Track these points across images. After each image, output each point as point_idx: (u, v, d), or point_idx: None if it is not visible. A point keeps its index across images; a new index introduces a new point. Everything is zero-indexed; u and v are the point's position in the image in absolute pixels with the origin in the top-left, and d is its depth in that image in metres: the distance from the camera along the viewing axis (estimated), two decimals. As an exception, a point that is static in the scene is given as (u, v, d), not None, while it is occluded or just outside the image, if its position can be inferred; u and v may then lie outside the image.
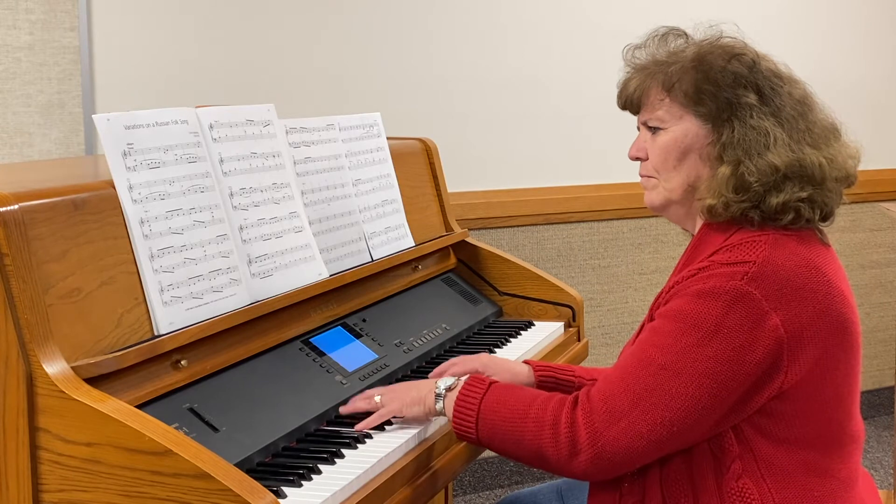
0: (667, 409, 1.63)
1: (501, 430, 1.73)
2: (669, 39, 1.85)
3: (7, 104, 3.08)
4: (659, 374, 1.64)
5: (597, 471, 1.66)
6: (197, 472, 1.39)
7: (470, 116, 3.79)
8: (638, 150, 1.85)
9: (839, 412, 1.73)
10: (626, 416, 1.63)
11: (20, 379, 1.46)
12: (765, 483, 1.67)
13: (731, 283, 1.64)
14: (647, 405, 1.63)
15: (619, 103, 1.89)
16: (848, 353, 1.73)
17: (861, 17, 4.50)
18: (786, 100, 1.76)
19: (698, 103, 1.76)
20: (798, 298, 1.66)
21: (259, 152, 2.04)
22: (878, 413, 4.62)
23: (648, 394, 1.63)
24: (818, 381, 1.69)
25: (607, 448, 1.64)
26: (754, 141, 1.72)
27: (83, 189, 1.66)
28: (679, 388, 1.63)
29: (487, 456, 3.87)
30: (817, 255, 1.73)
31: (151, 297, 1.71)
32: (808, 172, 1.71)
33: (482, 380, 1.80)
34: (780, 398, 1.67)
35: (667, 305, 1.70)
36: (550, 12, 3.89)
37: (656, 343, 1.67)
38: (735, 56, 1.77)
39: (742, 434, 1.68)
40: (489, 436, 1.74)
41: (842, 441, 1.74)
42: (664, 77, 1.79)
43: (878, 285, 4.67)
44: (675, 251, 4.18)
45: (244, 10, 3.40)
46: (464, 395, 1.78)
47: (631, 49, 1.88)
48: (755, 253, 1.68)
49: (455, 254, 2.73)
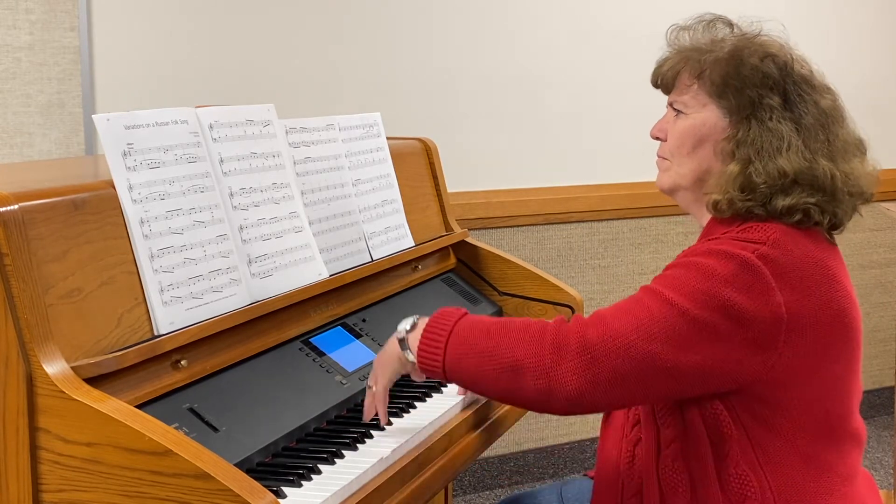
0: (663, 341, 1.61)
1: (474, 349, 1.69)
2: (716, 27, 1.85)
3: (7, 104, 3.08)
4: (663, 305, 1.63)
5: (577, 386, 1.62)
6: (197, 472, 1.39)
7: (470, 116, 3.79)
8: (659, 130, 1.87)
9: (838, 406, 1.74)
10: (621, 336, 1.62)
11: (20, 379, 1.46)
12: (762, 470, 1.68)
13: (744, 252, 1.66)
14: (645, 333, 1.62)
15: (652, 79, 1.89)
16: (848, 347, 1.73)
17: (863, 17, 4.50)
18: (810, 108, 1.75)
19: (722, 96, 1.77)
20: (802, 287, 1.67)
21: (259, 152, 2.04)
22: (878, 413, 4.62)
23: (648, 321, 1.63)
24: (816, 371, 1.69)
25: (595, 363, 1.61)
26: (768, 143, 1.72)
27: (83, 189, 1.66)
28: (678, 324, 1.61)
29: (487, 456, 3.87)
30: (823, 250, 1.73)
31: (151, 297, 1.71)
32: (819, 182, 1.71)
33: (454, 310, 1.77)
34: (775, 385, 1.67)
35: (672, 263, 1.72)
36: (551, 12, 3.89)
37: (662, 281, 1.68)
38: (770, 56, 1.77)
39: (739, 420, 1.69)
40: (457, 358, 1.70)
41: (841, 437, 1.74)
42: (697, 63, 1.80)
43: (878, 285, 4.67)
44: (675, 251, 4.18)
45: (244, 11, 3.40)
46: (435, 322, 1.75)
47: (676, 30, 1.88)
48: (766, 235, 1.69)
49: (455, 254, 2.73)
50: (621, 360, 1.61)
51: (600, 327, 1.64)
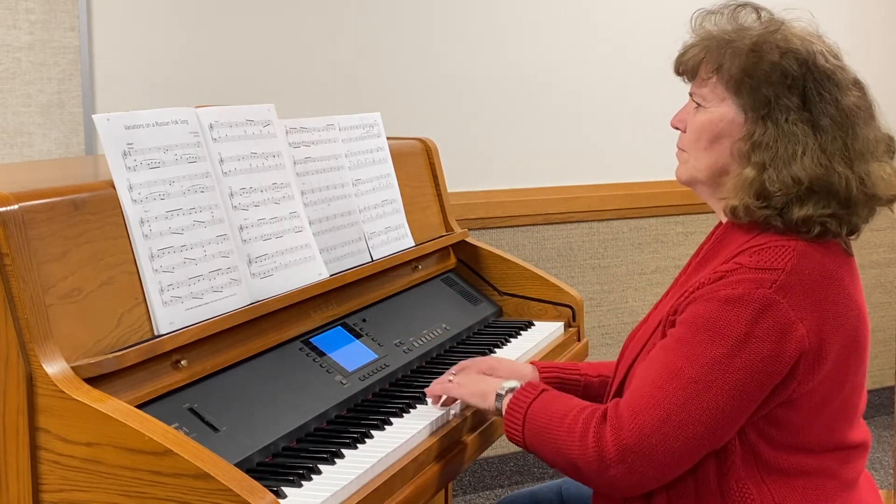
0: (697, 423, 1.61)
1: (542, 438, 1.72)
2: (742, 13, 1.79)
3: (7, 104, 3.08)
4: (689, 387, 1.61)
5: (628, 486, 1.65)
6: (197, 472, 1.39)
7: (470, 116, 3.79)
8: (679, 121, 1.83)
9: (842, 422, 1.73)
10: (656, 432, 1.61)
11: (20, 379, 1.46)
12: (765, 484, 1.67)
13: (760, 290, 1.62)
14: (677, 420, 1.61)
15: (675, 68, 1.84)
16: (857, 368, 1.73)
17: (857, 16, 4.50)
18: (829, 107, 1.70)
19: (739, 92, 1.73)
20: (821, 310, 1.65)
21: (259, 152, 2.04)
22: (878, 413, 4.62)
23: (678, 409, 1.61)
24: (826, 393, 1.68)
25: (637, 465, 1.61)
26: (783, 148, 1.68)
27: (83, 189, 1.66)
28: (709, 401, 1.61)
29: (487, 456, 3.87)
30: (840, 266, 1.71)
31: (151, 297, 1.71)
32: (835, 189, 1.68)
33: (536, 385, 1.79)
34: (788, 407, 1.66)
35: (690, 310, 1.67)
36: (551, 12, 3.89)
37: (684, 354, 1.63)
38: (791, 51, 1.71)
39: (745, 437, 1.67)
40: (533, 442, 1.74)
41: (844, 448, 1.74)
42: (718, 55, 1.75)
43: (878, 285, 4.67)
44: (675, 251, 4.19)
45: (244, 10, 3.40)
46: (515, 399, 1.77)
47: (702, 14, 1.82)
48: (783, 260, 1.65)
49: (455, 254, 2.73)
50: (661, 455, 1.62)
51: (633, 425, 1.62)
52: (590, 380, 2.04)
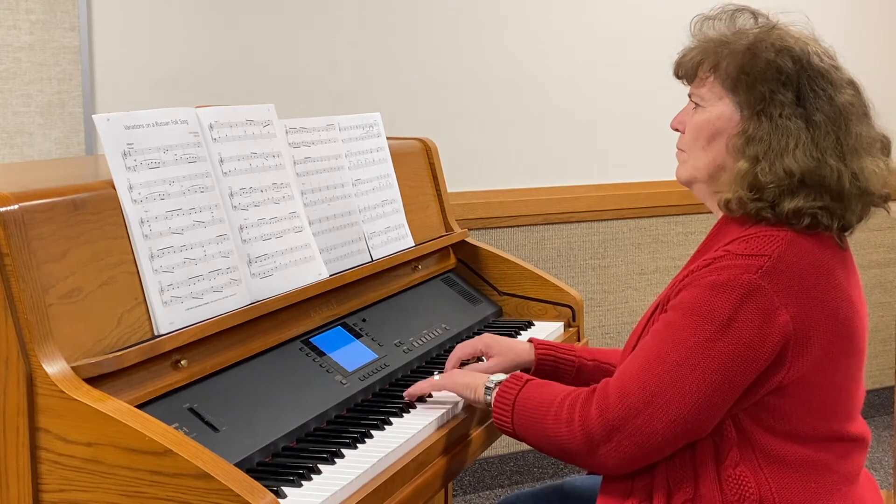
0: (682, 405, 1.65)
1: (531, 427, 1.77)
2: (739, 18, 1.83)
3: (7, 104, 3.08)
4: (674, 370, 1.66)
5: (617, 464, 1.70)
6: (197, 472, 1.39)
7: (470, 116, 3.79)
8: (678, 122, 1.87)
9: (838, 413, 1.74)
10: (642, 412, 1.66)
11: (20, 379, 1.46)
12: (762, 472, 1.69)
13: (745, 275, 1.65)
14: (662, 402, 1.66)
15: (674, 70, 1.88)
16: (850, 358, 1.73)
17: (854, 16, 4.50)
18: (823, 104, 1.73)
19: (735, 90, 1.76)
20: (807, 298, 1.67)
21: (259, 152, 2.04)
22: (878, 413, 4.62)
23: (663, 391, 1.66)
24: (818, 381, 1.69)
25: (624, 443, 1.67)
26: (776, 141, 1.71)
27: (83, 189, 1.66)
28: (693, 384, 1.65)
29: (487, 456, 3.87)
30: (831, 258, 1.72)
31: (151, 297, 1.71)
32: (826, 182, 1.70)
33: (519, 377, 1.84)
34: (779, 394, 1.68)
35: (679, 296, 1.71)
36: (551, 12, 3.89)
37: (671, 338, 1.68)
38: (786, 49, 1.75)
39: (741, 424, 1.69)
40: (523, 431, 1.79)
41: (842, 441, 1.75)
42: (715, 56, 1.79)
43: (878, 285, 4.67)
44: (675, 251, 4.19)
45: (244, 10, 3.40)
46: (502, 390, 1.82)
47: (700, 20, 1.86)
48: (771, 247, 1.68)
49: (455, 254, 2.73)
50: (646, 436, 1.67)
51: (620, 406, 1.67)
52: (584, 362, 2.08)
